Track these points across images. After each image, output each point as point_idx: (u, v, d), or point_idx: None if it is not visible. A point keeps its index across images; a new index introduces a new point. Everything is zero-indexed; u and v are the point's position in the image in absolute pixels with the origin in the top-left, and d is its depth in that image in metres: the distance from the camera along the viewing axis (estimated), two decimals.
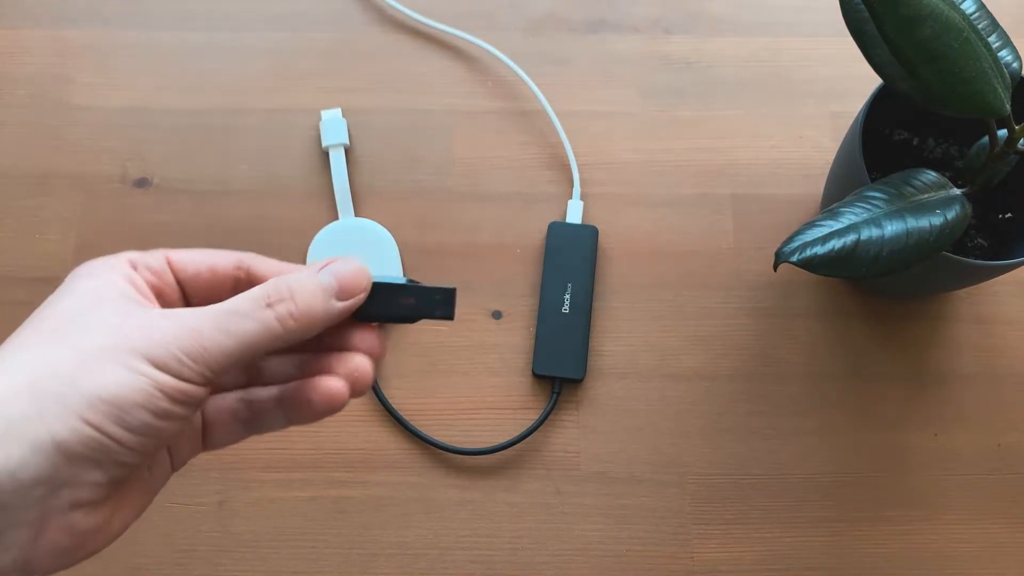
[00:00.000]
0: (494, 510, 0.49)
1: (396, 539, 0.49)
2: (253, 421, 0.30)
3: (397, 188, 0.56)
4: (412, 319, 0.30)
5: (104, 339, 0.25)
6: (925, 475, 0.50)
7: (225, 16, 0.61)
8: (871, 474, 0.50)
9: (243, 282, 0.30)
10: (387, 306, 0.30)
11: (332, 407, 0.28)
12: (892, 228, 0.40)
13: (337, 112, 0.57)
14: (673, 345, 0.53)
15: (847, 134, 0.49)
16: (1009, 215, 0.50)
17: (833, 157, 0.53)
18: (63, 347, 0.25)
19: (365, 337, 0.30)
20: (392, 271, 0.53)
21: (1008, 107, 0.40)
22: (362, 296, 0.29)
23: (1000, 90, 0.40)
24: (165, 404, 0.25)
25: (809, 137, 0.58)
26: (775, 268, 0.39)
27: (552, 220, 0.55)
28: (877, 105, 0.47)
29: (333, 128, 0.56)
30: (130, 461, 0.25)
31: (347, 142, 0.56)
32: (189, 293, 0.30)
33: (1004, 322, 0.54)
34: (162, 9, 0.61)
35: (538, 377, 0.51)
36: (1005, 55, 0.42)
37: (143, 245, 0.54)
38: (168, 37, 0.60)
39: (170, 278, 0.29)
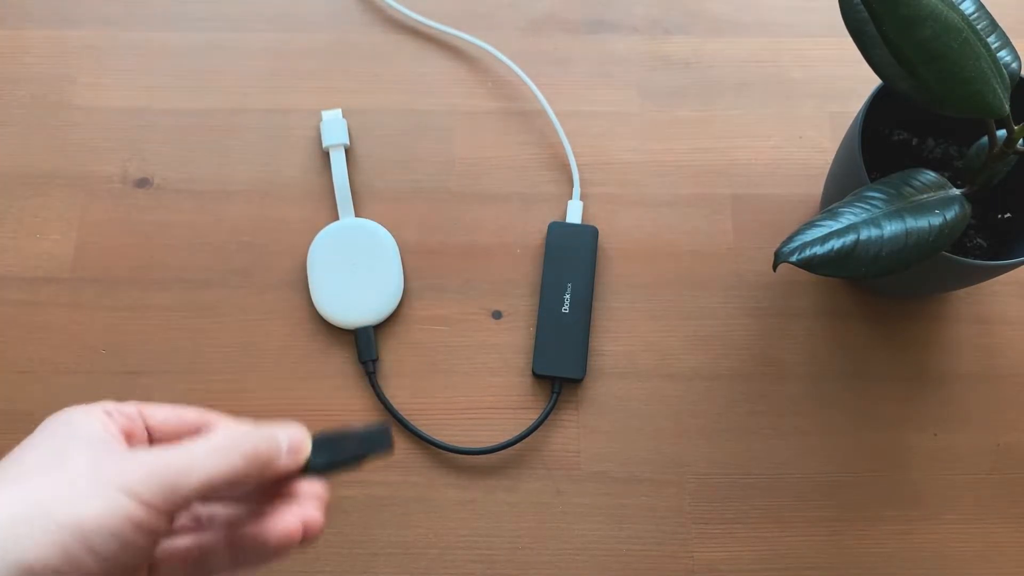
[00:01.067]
0: (494, 510, 0.49)
1: (396, 539, 0.49)
2: (200, 563, 0.31)
3: (397, 188, 0.56)
4: (358, 460, 0.32)
5: (81, 472, 0.27)
6: (925, 475, 0.50)
7: (225, 16, 0.61)
8: (871, 474, 0.50)
9: (205, 431, 0.32)
10: (332, 454, 0.32)
11: (287, 544, 0.30)
12: (891, 228, 0.40)
13: (337, 112, 0.57)
14: (673, 345, 0.53)
15: (846, 134, 0.49)
16: (1008, 215, 0.50)
17: (832, 157, 0.53)
18: (43, 479, 0.26)
19: (313, 486, 0.32)
20: (392, 271, 0.53)
21: (1007, 107, 0.40)
22: (305, 452, 0.31)
23: (999, 90, 0.40)
24: (133, 534, 0.26)
25: (809, 137, 0.58)
26: (775, 268, 0.39)
27: (552, 220, 0.55)
28: (876, 105, 0.47)
29: (333, 128, 0.56)
30: None
31: (347, 142, 0.56)
32: (156, 438, 0.32)
33: (1004, 322, 0.54)
34: (162, 9, 0.61)
35: (538, 377, 0.51)
36: (1004, 55, 0.43)
37: (143, 245, 0.54)
38: (168, 37, 0.60)
39: (140, 423, 0.31)
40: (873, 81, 0.44)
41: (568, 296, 0.52)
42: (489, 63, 0.59)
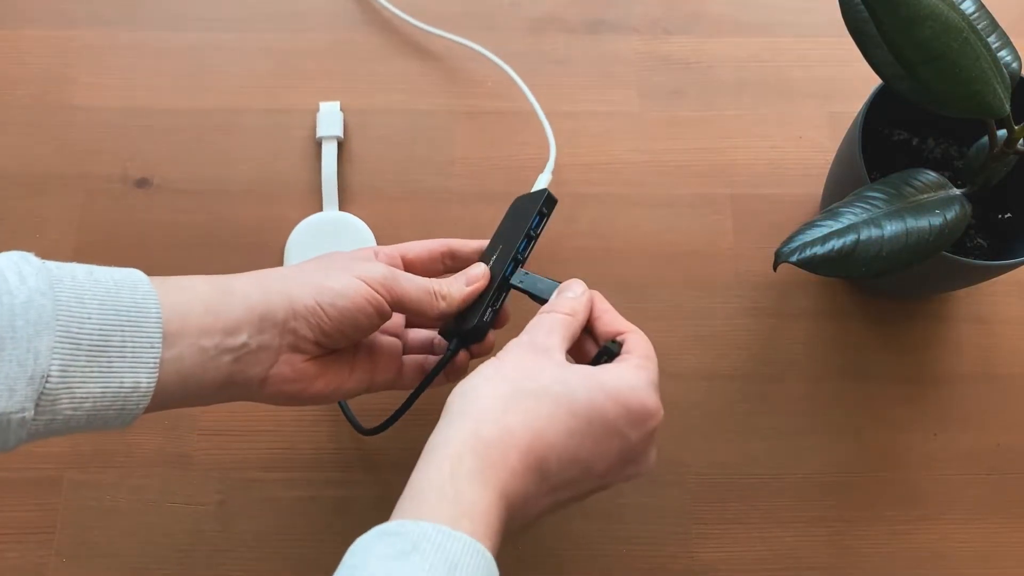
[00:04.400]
0: None
1: None
2: (389, 363, 0.44)
3: (396, 188, 0.56)
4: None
5: (337, 264, 0.41)
6: (925, 475, 0.50)
7: (225, 16, 0.61)
8: (871, 474, 0.50)
9: (448, 259, 0.47)
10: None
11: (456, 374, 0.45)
12: (892, 228, 0.40)
13: (335, 105, 0.57)
14: (673, 345, 0.53)
15: (847, 134, 0.49)
16: (1008, 215, 0.50)
17: (833, 157, 0.53)
18: (313, 263, 0.42)
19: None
20: None
21: (1007, 107, 0.40)
22: (481, 284, 0.44)
23: (999, 90, 0.40)
24: (363, 303, 0.39)
25: (809, 137, 0.58)
26: (775, 268, 0.39)
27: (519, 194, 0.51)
28: (877, 105, 0.47)
29: (328, 120, 0.56)
30: (330, 332, 0.38)
31: (341, 135, 0.56)
32: (412, 271, 0.44)
33: (1004, 322, 0.54)
34: (162, 9, 0.61)
35: (443, 336, 0.46)
36: (1004, 55, 0.43)
37: (143, 245, 0.54)
38: (168, 37, 0.60)
39: (399, 259, 0.45)
40: (873, 81, 0.44)
41: (496, 257, 0.46)
42: (487, 64, 0.59)
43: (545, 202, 0.46)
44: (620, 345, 0.40)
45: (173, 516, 0.48)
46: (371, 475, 0.50)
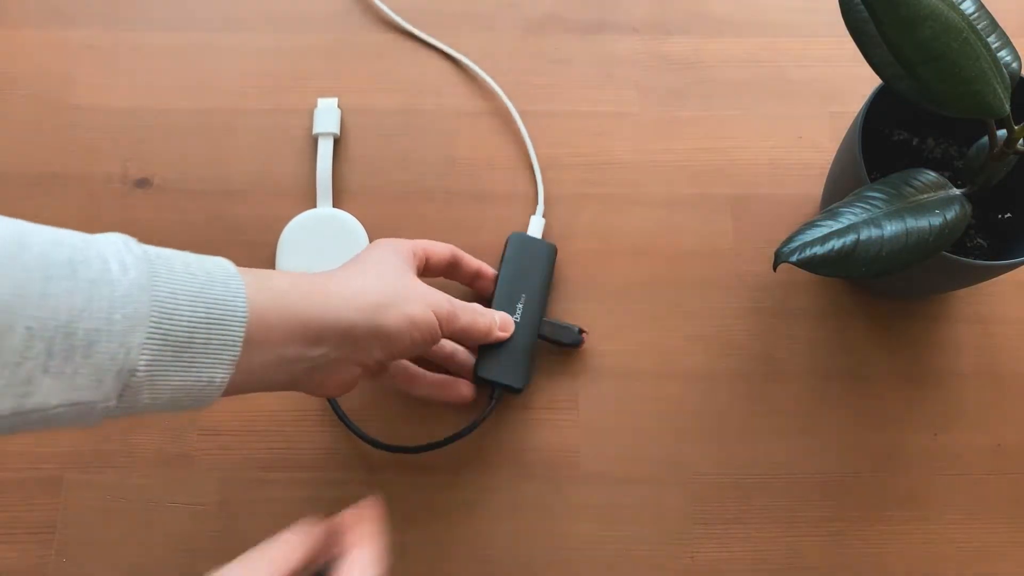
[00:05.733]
0: (494, 510, 0.49)
1: (396, 539, 0.48)
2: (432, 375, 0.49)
3: (393, 187, 0.56)
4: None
5: (405, 283, 0.42)
6: (925, 475, 0.50)
7: (225, 16, 0.61)
8: (871, 474, 0.50)
9: (451, 267, 0.50)
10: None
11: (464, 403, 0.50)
12: (892, 228, 0.40)
13: (333, 102, 0.57)
14: (673, 345, 0.53)
15: (847, 134, 0.49)
16: (1008, 215, 0.50)
17: (833, 157, 0.53)
18: (384, 277, 0.42)
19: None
20: None
21: (1007, 107, 0.40)
22: (509, 331, 0.50)
23: (999, 90, 0.40)
24: (429, 335, 0.42)
25: (809, 137, 0.58)
26: (775, 268, 0.39)
27: (513, 231, 0.53)
28: (877, 105, 0.47)
29: (325, 116, 0.57)
30: (398, 356, 0.42)
31: (337, 131, 0.56)
32: (430, 266, 0.48)
33: (1004, 322, 0.54)
34: (162, 9, 0.61)
35: (479, 380, 0.50)
36: (1004, 55, 0.43)
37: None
38: (168, 37, 0.60)
39: (423, 257, 0.47)
40: (873, 81, 0.44)
41: (521, 306, 0.51)
42: (486, 64, 0.59)
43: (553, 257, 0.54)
44: None
45: (173, 516, 0.48)
46: (371, 475, 0.50)
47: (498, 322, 0.48)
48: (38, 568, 0.47)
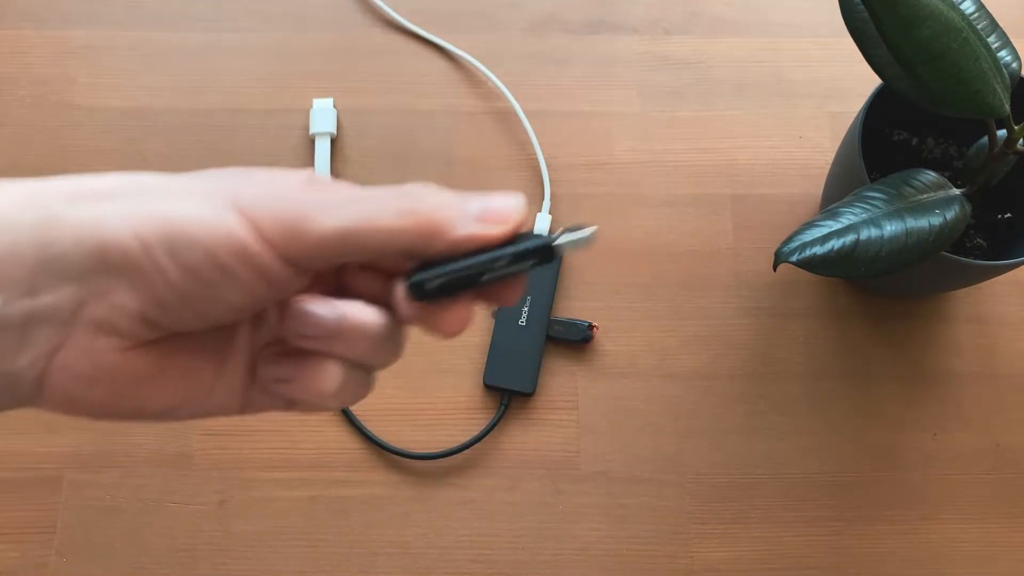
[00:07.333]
0: (494, 510, 0.49)
1: (396, 539, 0.49)
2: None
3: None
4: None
5: (202, 179, 0.23)
6: (925, 475, 0.50)
7: (225, 16, 0.61)
8: (871, 474, 0.50)
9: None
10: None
11: (459, 330, 0.25)
12: (891, 228, 0.40)
13: (328, 102, 0.57)
14: (673, 345, 0.53)
15: (847, 134, 0.49)
16: (1008, 215, 0.50)
17: (832, 157, 0.53)
18: (164, 178, 0.23)
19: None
20: None
21: (1007, 107, 0.40)
22: (499, 231, 0.24)
23: (999, 90, 0.40)
24: (229, 258, 0.22)
25: (809, 137, 0.58)
26: (775, 268, 0.39)
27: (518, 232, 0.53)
28: (877, 105, 0.47)
29: (321, 117, 0.56)
30: (170, 306, 0.22)
31: (333, 131, 0.56)
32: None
33: (1003, 322, 0.54)
34: (162, 9, 0.61)
35: (488, 388, 0.51)
36: (1004, 55, 0.43)
37: None
38: (168, 37, 0.60)
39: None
40: (873, 81, 0.44)
41: (526, 309, 0.51)
42: (485, 64, 0.59)
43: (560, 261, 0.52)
44: None
45: (173, 516, 0.48)
46: (371, 475, 0.50)
47: (473, 211, 0.24)
48: (38, 568, 0.47)
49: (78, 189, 0.22)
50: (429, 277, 0.24)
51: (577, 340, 0.51)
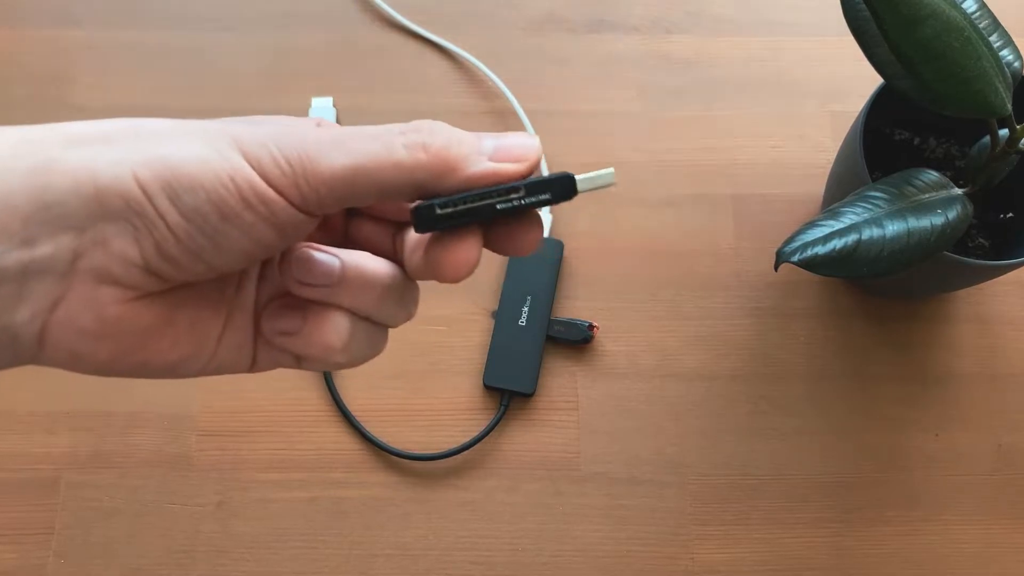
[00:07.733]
0: (494, 511, 0.49)
1: (396, 540, 0.49)
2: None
3: None
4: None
5: (206, 123, 0.22)
6: (925, 475, 0.50)
7: (225, 16, 0.61)
8: (871, 474, 0.50)
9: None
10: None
11: (464, 272, 0.23)
12: (893, 228, 0.39)
13: (328, 101, 0.57)
14: (673, 345, 0.53)
15: (848, 134, 0.48)
16: (1010, 215, 0.50)
17: (834, 157, 0.52)
18: (168, 120, 0.22)
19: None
20: None
21: (1009, 106, 0.40)
22: (515, 167, 0.23)
23: (1001, 89, 0.40)
24: (232, 200, 0.21)
25: (810, 137, 0.58)
26: (776, 268, 0.39)
27: None
28: (878, 105, 0.47)
29: (321, 116, 0.56)
30: (173, 254, 0.21)
31: None
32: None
33: (1005, 322, 0.54)
34: (163, 9, 0.61)
35: (488, 388, 0.51)
36: (1006, 54, 0.42)
37: None
38: (168, 37, 0.60)
39: None
40: (875, 80, 0.44)
41: (526, 309, 0.51)
42: (484, 64, 0.59)
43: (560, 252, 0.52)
44: None
45: (172, 517, 0.48)
46: (371, 475, 0.50)
47: (488, 148, 0.24)
48: (36, 569, 0.47)
49: (75, 132, 0.21)
50: (440, 203, 0.22)
51: (577, 340, 0.51)
